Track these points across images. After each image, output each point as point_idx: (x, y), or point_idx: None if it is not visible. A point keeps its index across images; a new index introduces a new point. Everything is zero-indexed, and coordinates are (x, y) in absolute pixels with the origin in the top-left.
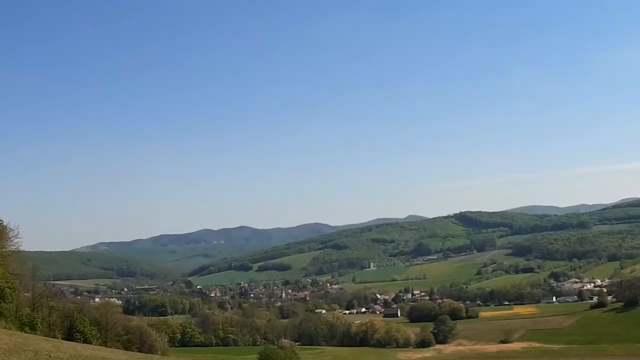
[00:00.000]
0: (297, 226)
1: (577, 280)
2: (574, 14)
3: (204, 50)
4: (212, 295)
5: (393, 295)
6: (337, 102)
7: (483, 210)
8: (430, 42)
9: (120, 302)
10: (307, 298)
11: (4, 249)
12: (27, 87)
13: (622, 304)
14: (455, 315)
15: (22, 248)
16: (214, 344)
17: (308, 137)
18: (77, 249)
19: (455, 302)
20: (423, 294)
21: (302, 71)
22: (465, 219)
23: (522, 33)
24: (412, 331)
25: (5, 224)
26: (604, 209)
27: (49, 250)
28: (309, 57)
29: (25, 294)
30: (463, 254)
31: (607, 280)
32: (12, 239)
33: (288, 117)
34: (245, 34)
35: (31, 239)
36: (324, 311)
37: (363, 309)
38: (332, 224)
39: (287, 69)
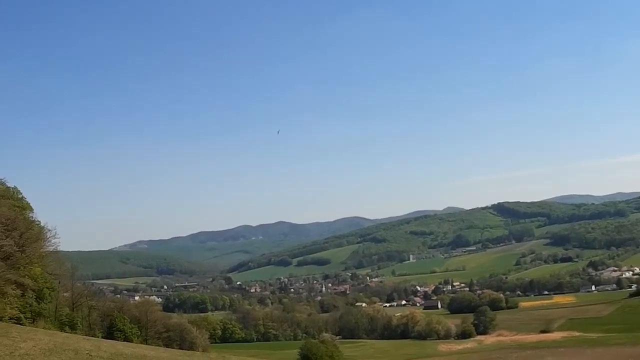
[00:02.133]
0: (336, 220)
1: (615, 268)
2: (599, 4)
3: (241, 50)
4: (252, 291)
5: (433, 287)
6: (374, 97)
7: (521, 201)
8: (457, 37)
9: (160, 299)
10: (347, 292)
11: (41, 250)
12: (56, 88)
13: None
14: (495, 306)
15: (60, 248)
16: (255, 340)
17: (344, 131)
18: (115, 248)
19: (495, 292)
20: (463, 285)
21: (332, 68)
22: (503, 210)
23: (547, 26)
24: (453, 323)
25: (42, 224)
26: None
27: (87, 250)
28: (335, 55)
29: (65, 294)
30: (502, 244)
31: None
32: (49, 239)
33: (324, 113)
34: (269, 34)
35: (70, 239)
36: (364, 304)
37: (403, 302)
38: (371, 218)
39: (317, 65)
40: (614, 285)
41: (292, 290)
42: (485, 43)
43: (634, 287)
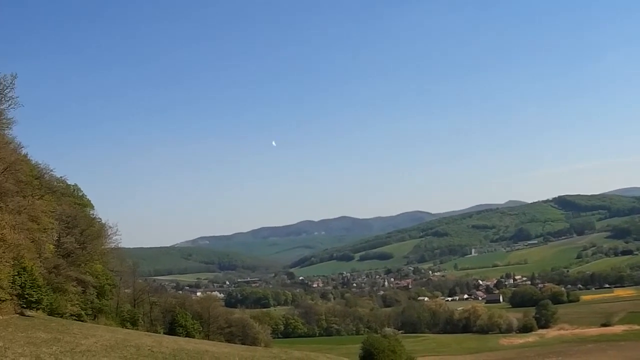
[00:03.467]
0: (398, 215)
1: None
2: None
3: (311, 44)
4: (314, 286)
5: (495, 281)
6: (435, 91)
7: (581, 194)
8: (520, 29)
9: (222, 295)
10: (410, 286)
11: (103, 247)
12: (114, 84)
13: None
14: (556, 299)
15: (121, 245)
16: (317, 334)
17: (407, 126)
18: (177, 244)
19: (557, 286)
20: (524, 279)
21: (400, 63)
22: (564, 203)
23: (608, 19)
24: (514, 316)
25: (103, 221)
26: None
27: (149, 247)
28: (404, 49)
29: (126, 290)
30: (563, 238)
31: None
32: (110, 236)
33: (388, 107)
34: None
35: (131, 236)
36: (426, 299)
37: (465, 296)
38: (433, 212)
39: (385, 60)
40: None
41: (354, 285)
42: (551, 37)
43: None
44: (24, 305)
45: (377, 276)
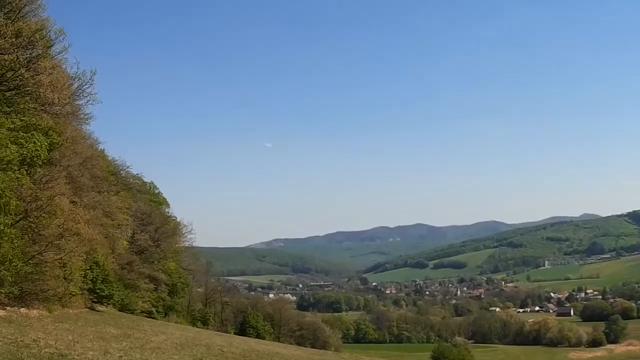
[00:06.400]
0: (473, 224)
1: None
2: None
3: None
4: (387, 292)
5: (566, 294)
6: (515, 101)
7: None
8: (605, 40)
9: (294, 298)
10: (482, 296)
11: (176, 245)
12: (194, 81)
13: None
14: (626, 314)
15: (195, 244)
16: (387, 341)
17: (484, 135)
18: (251, 245)
19: (627, 301)
20: (596, 293)
21: (482, 71)
22: (638, 218)
23: None
24: (584, 330)
25: (178, 220)
26: None
27: (223, 247)
28: (488, 56)
29: (198, 289)
30: (636, 253)
31: None
32: (185, 234)
33: (465, 116)
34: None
35: (206, 235)
36: (498, 309)
37: (537, 308)
38: (508, 222)
39: (469, 67)
40: None
41: (427, 292)
42: (628, 45)
43: None
44: (95, 300)
45: (450, 285)
